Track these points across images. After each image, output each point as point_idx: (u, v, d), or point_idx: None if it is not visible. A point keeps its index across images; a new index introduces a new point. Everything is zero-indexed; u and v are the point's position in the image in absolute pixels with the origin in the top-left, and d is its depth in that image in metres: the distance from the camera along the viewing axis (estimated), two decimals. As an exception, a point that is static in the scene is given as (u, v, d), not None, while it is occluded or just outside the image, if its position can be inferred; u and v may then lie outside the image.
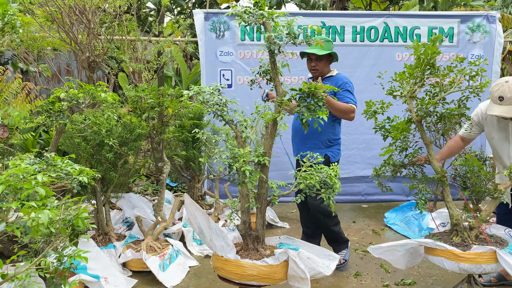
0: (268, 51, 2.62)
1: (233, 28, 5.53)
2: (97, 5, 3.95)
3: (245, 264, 2.71)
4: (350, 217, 5.75)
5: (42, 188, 1.21)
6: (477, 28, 5.69)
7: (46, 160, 1.89)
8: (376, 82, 3.78)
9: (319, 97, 2.46)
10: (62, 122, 2.90)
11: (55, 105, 2.88)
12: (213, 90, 2.90)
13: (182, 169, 5.30)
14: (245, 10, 2.50)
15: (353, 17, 5.61)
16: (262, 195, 2.85)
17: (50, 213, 1.17)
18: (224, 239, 2.79)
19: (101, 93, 2.93)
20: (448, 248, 2.95)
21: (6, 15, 1.95)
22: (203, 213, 2.85)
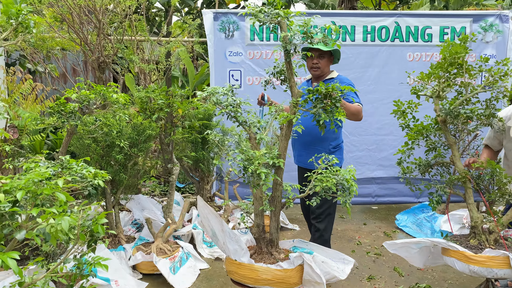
0: (284, 51, 2.57)
1: (242, 28, 5.48)
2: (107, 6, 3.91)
3: (259, 268, 2.66)
4: (361, 219, 5.69)
5: (62, 193, 1.17)
6: (489, 27, 5.61)
7: (60, 163, 1.85)
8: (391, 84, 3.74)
9: (336, 98, 2.40)
10: (74, 123, 2.86)
11: (66, 106, 2.84)
12: (226, 91, 2.86)
13: (191, 170, 5.26)
14: (261, 9, 2.45)
15: (363, 17, 5.54)
16: (277, 197, 2.80)
17: (70, 220, 1.13)
18: (238, 242, 2.74)
19: (112, 94, 2.88)
20: (459, 249, 2.90)
21: (20, 15, 1.92)
22: (216, 215, 2.80)
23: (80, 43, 3.82)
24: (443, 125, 3.16)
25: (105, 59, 3.96)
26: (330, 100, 2.41)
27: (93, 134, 3.54)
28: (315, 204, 2.75)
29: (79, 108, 3.00)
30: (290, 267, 2.68)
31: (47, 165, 1.83)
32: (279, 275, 2.63)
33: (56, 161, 1.87)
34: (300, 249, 3.06)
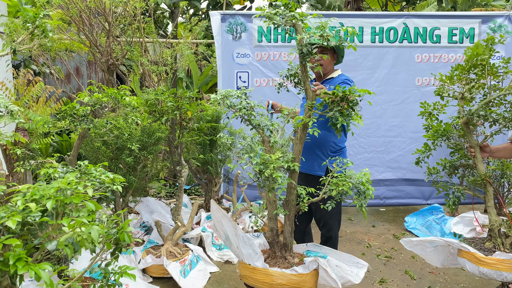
0: (299, 54, 2.55)
1: (250, 30, 5.46)
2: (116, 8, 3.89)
3: (274, 273, 2.63)
4: (369, 221, 5.66)
5: (91, 202, 1.15)
6: (498, 28, 5.58)
7: (79, 169, 1.82)
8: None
9: (353, 101, 2.37)
10: (86, 126, 2.84)
11: (79, 110, 2.82)
12: (240, 94, 2.84)
13: (199, 172, 5.24)
14: (277, 11, 2.43)
15: (372, 18, 5.51)
16: (291, 201, 2.78)
17: (99, 229, 1.10)
18: (252, 246, 2.72)
19: (125, 97, 2.86)
20: (470, 251, 2.91)
21: (38, 18, 1.90)
22: (229, 219, 2.78)
23: (90, 45, 3.80)
24: (465, 126, 3.14)
25: (114, 61, 3.93)
26: (347, 103, 2.38)
27: (103, 137, 3.52)
28: (330, 209, 2.72)
29: (90, 111, 2.98)
30: (305, 272, 2.66)
31: (65, 170, 1.81)
32: (294, 280, 2.61)
33: (75, 166, 1.85)
34: (313, 253, 3.03)
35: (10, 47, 1.87)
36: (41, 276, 0.97)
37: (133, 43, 4.48)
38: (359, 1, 7.86)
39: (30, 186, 1.17)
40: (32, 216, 1.07)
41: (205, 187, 5.34)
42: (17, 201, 1.08)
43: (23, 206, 1.06)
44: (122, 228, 1.28)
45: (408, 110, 5.53)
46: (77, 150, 3.15)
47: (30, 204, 1.05)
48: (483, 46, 2.94)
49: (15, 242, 0.99)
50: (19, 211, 1.06)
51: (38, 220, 1.08)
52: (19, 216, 1.03)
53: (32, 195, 1.11)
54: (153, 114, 4.14)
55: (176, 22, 6.36)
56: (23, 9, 1.86)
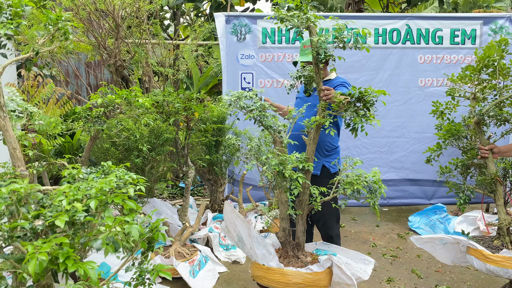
0: (315, 55, 2.58)
1: (254, 31, 5.49)
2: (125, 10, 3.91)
3: (289, 272, 2.66)
4: (373, 221, 5.71)
5: (131, 201, 1.17)
6: (499, 29, 5.64)
7: (102, 169, 1.85)
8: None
9: (369, 102, 2.41)
10: (100, 128, 2.86)
11: (92, 111, 2.84)
12: (252, 95, 2.87)
13: (204, 173, 5.26)
14: (293, 14, 2.46)
15: (375, 19, 5.56)
16: (304, 201, 2.81)
17: (139, 228, 1.13)
18: (266, 246, 2.75)
19: (138, 98, 2.89)
20: (478, 248, 2.98)
21: (60, 21, 1.92)
22: (243, 220, 2.80)
23: (98, 47, 3.82)
24: (476, 126, 3.19)
25: (122, 63, 3.95)
26: (364, 104, 2.42)
27: (113, 138, 3.54)
28: (343, 207, 2.75)
29: (103, 113, 3.00)
30: (320, 270, 2.69)
31: (89, 171, 1.83)
32: (309, 279, 2.64)
33: (98, 167, 1.87)
34: (323, 252, 3.07)
35: (32, 49, 1.89)
36: (89, 274, 0.99)
37: (140, 44, 4.50)
38: (360, 3, 7.91)
39: (71, 186, 1.20)
40: (78, 215, 1.09)
41: (210, 188, 5.36)
42: (62, 201, 1.11)
43: (69, 206, 1.08)
44: (156, 227, 1.30)
45: (411, 111, 5.58)
46: (89, 152, 3.17)
47: (77, 204, 1.08)
48: (495, 46, 2.98)
49: (65, 240, 1.01)
50: (65, 211, 1.09)
51: (83, 220, 1.10)
52: (67, 216, 1.05)
53: (73, 195, 1.14)
54: (161, 115, 4.16)
55: (178, 23, 6.37)
56: (46, 11, 1.88)
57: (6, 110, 1.80)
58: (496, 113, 3.05)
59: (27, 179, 1.79)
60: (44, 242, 0.99)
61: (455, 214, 5.35)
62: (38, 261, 0.93)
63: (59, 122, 2.97)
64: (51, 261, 0.97)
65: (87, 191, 1.15)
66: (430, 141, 5.63)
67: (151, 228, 1.32)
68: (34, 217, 1.15)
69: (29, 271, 0.90)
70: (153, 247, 1.35)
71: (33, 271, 0.91)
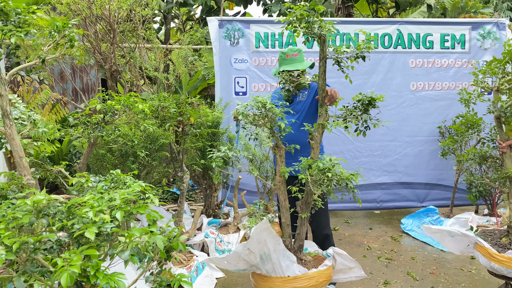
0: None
1: (247, 36, 5.50)
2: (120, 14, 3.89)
3: (314, 275, 2.71)
4: (366, 223, 5.75)
5: (154, 211, 1.17)
6: (487, 34, 5.76)
7: (111, 177, 1.83)
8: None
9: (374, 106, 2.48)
10: (100, 134, 2.84)
11: (92, 118, 2.81)
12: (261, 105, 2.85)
13: (199, 178, 5.24)
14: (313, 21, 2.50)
15: (366, 24, 5.63)
16: (309, 203, 2.83)
17: (163, 238, 1.12)
18: (289, 257, 2.71)
19: (138, 104, 2.87)
20: (485, 245, 3.03)
21: (67, 28, 1.90)
22: (274, 236, 2.66)
23: (94, 52, 3.79)
24: (496, 121, 3.23)
25: (118, 68, 3.92)
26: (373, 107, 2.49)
27: (110, 144, 3.51)
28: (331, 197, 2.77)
29: (102, 119, 2.98)
30: (331, 263, 2.81)
31: (98, 180, 1.82)
32: (326, 274, 2.74)
33: (107, 175, 1.86)
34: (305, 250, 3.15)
35: (39, 57, 1.87)
36: (119, 286, 0.99)
37: (133, 49, 4.47)
38: (349, 7, 8.00)
39: (94, 196, 1.19)
40: (105, 227, 1.08)
41: (204, 193, 5.34)
42: (88, 212, 1.10)
43: (98, 218, 1.07)
44: (176, 236, 1.30)
45: (403, 115, 5.66)
46: (87, 158, 3.14)
47: (105, 216, 1.07)
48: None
49: (94, 253, 1.00)
50: (92, 222, 1.08)
51: (110, 231, 1.09)
52: (95, 227, 1.04)
53: (98, 207, 1.13)
54: (156, 120, 4.14)
55: (169, 27, 6.35)
56: (53, 18, 1.85)
57: (12, 118, 1.78)
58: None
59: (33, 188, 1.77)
60: (72, 255, 0.98)
61: (446, 216, 5.43)
62: (69, 274, 0.92)
63: (56, 128, 2.94)
64: (80, 274, 0.97)
65: (111, 202, 1.14)
66: (422, 145, 5.72)
67: (169, 237, 1.32)
68: (59, 229, 1.14)
69: (62, 284, 0.89)
70: (171, 257, 1.34)
71: (65, 284, 0.90)
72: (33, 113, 2.08)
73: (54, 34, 1.95)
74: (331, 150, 4.62)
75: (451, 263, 4.39)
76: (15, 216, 1.09)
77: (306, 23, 2.52)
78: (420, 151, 5.74)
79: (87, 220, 1.10)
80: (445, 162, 5.74)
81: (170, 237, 1.32)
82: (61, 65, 4.62)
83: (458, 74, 5.71)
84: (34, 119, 2.10)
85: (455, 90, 5.70)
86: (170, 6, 7.36)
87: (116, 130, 3.45)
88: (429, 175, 5.79)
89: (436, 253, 4.66)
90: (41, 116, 3.57)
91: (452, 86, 5.71)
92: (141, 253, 1.11)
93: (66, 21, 1.88)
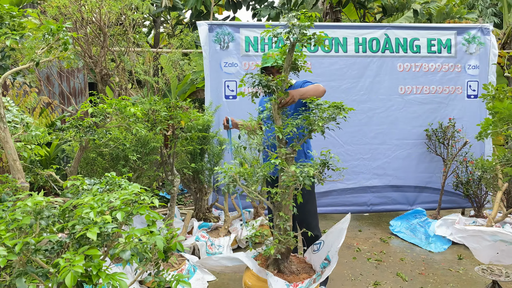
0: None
1: (237, 40, 5.54)
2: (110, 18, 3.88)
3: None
4: (355, 226, 5.80)
5: (154, 212, 1.18)
6: (472, 39, 5.87)
7: (106, 180, 1.84)
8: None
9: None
10: (92, 137, 2.83)
11: (84, 121, 2.81)
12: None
13: (189, 181, 5.24)
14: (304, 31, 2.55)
15: (354, 29, 5.70)
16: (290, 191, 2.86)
17: (163, 238, 1.14)
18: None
19: (130, 107, 2.87)
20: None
21: (61, 31, 1.90)
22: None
23: (84, 55, 3.78)
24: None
25: (108, 72, 3.92)
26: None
27: (100, 147, 3.50)
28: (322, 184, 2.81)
29: (94, 122, 2.98)
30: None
31: (93, 182, 1.82)
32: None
33: (102, 178, 1.86)
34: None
35: (32, 59, 1.87)
36: (122, 286, 1.00)
37: (123, 52, 4.47)
38: (337, 12, 8.09)
39: (94, 198, 1.19)
40: (106, 227, 1.09)
41: (195, 196, 5.34)
42: (89, 213, 1.10)
43: (99, 219, 1.08)
44: (173, 236, 1.31)
45: (392, 118, 5.73)
46: (78, 162, 3.13)
47: (106, 216, 1.08)
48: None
49: (96, 253, 1.01)
50: (93, 223, 1.08)
51: (111, 231, 1.10)
52: (97, 228, 1.05)
53: (98, 207, 1.14)
54: (147, 123, 4.14)
55: (158, 31, 6.36)
56: (47, 21, 1.86)
57: (6, 121, 1.78)
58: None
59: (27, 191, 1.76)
60: (74, 255, 0.99)
61: (434, 218, 5.51)
62: (73, 274, 0.92)
63: (47, 132, 2.92)
64: (82, 274, 0.97)
65: (111, 203, 1.15)
66: (410, 148, 5.80)
67: (166, 238, 1.33)
68: (59, 230, 1.14)
69: (67, 283, 0.90)
70: (169, 257, 1.35)
71: (70, 284, 0.90)
72: (25, 116, 2.08)
73: (48, 37, 1.95)
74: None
75: (439, 263, 4.45)
76: (15, 217, 1.09)
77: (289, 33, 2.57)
78: (409, 154, 5.82)
79: (88, 221, 1.11)
80: (434, 164, 5.83)
81: (168, 238, 1.33)
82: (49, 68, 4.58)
83: (445, 78, 5.81)
84: (27, 122, 2.09)
85: (442, 94, 5.81)
86: (160, 10, 7.36)
87: (108, 133, 3.45)
88: (418, 178, 5.87)
89: (424, 254, 4.73)
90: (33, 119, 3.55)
91: (439, 89, 5.80)
92: (140, 253, 1.12)
93: (60, 24, 1.89)
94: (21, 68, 1.90)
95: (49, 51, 2.06)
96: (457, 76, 5.84)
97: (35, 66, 1.89)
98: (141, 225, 4.59)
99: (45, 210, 1.17)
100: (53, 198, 1.27)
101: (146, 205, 1.21)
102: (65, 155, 6.06)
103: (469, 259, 4.54)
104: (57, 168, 4.97)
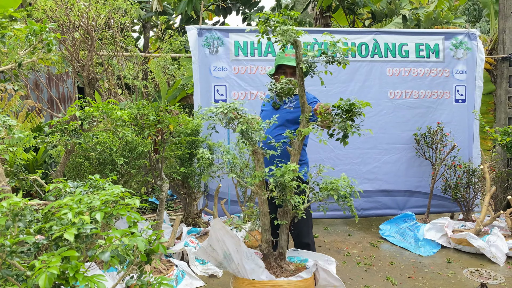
0: (299, 69, 2.66)
1: (226, 44, 5.53)
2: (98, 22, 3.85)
3: (282, 283, 2.67)
4: (345, 230, 5.80)
5: (135, 213, 1.15)
6: (459, 44, 5.93)
7: (89, 183, 1.81)
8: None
9: (357, 113, 2.51)
10: (77, 141, 2.79)
11: (69, 125, 2.77)
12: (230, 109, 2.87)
13: (179, 186, 5.20)
14: (287, 29, 2.52)
15: (344, 34, 5.72)
16: (288, 210, 2.83)
17: (144, 239, 1.11)
18: (255, 260, 2.74)
19: (117, 111, 2.84)
20: None
21: (44, 32, 1.87)
22: (233, 236, 2.77)
23: (71, 59, 3.74)
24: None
25: (95, 76, 3.88)
26: (351, 115, 2.51)
27: (86, 152, 3.46)
28: (325, 214, 2.80)
29: (80, 126, 2.94)
30: (309, 276, 2.74)
31: (76, 185, 1.79)
32: (301, 286, 2.67)
33: (85, 181, 1.83)
34: (295, 258, 3.13)
35: (14, 61, 1.84)
36: (100, 287, 0.97)
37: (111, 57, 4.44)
38: (327, 18, 8.14)
39: (73, 199, 1.16)
40: (84, 228, 1.07)
41: (184, 202, 5.30)
42: (67, 214, 1.07)
43: (77, 219, 1.05)
44: (157, 239, 1.29)
45: (382, 122, 5.75)
46: (64, 166, 3.08)
47: (84, 217, 1.05)
48: None
49: (73, 254, 0.98)
50: (71, 224, 1.06)
51: (90, 232, 1.08)
52: (75, 229, 1.03)
53: (77, 208, 1.11)
54: (135, 127, 4.10)
55: (148, 36, 6.33)
56: (29, 22, 1.83)
57: (-13, 123, 1.74)
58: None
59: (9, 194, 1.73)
60: (50, 257, 0.96)
61: (423, 222, 5.53)
62: (48, 276, 0.90)
63: (32, 136, 2.88)
64: (58, 276, 0.95)
65: (90, 203, 1.12)
66: (400, 152, 5.82)
67: (149, 240, 1.30)
68: (36, 232, 1.11)
69: (40, 285, 0.87)
70: (152, 260, 1.33)
71: (44, 286, 0.87)
72: (8, 118, 2.04)
73: (31, 38, 1.92)
74: (312, 158, 4.66)
75: (428, 267, 4.45)
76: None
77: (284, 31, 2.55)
78: (398, 158, 5.83)
79: (66, 222, 1.09)
80: (423, 169, 5.85)
81: (151, 240, 1.30)
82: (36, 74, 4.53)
83: (434, 83, 5.85)
84: (10, 124, 2.05)
85: (431, 98, 5.85)
86: (149, 15, 7.34)
87: (94, 137, 3.41)
88: (408, 182, 5.88)
89: (414, 258, 4.73)
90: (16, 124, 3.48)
91: (428, 94, 5.84)
92: (121, 255, 1.10)
93: (43, 25, 1.86)
94: (3, 69, 1.86)
95: (32, 52, 2.03)
96: (445, 80, 5.88)
97: (17, 67, 1.86)
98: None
99: (26, 215, 1.14)
100: (33, 200, 1.24)
101: (127, 205, 1.19)
102: (52, 161, 5.99)
103: (458, 263, 4.56)
104: (45, 174, 4.91)
